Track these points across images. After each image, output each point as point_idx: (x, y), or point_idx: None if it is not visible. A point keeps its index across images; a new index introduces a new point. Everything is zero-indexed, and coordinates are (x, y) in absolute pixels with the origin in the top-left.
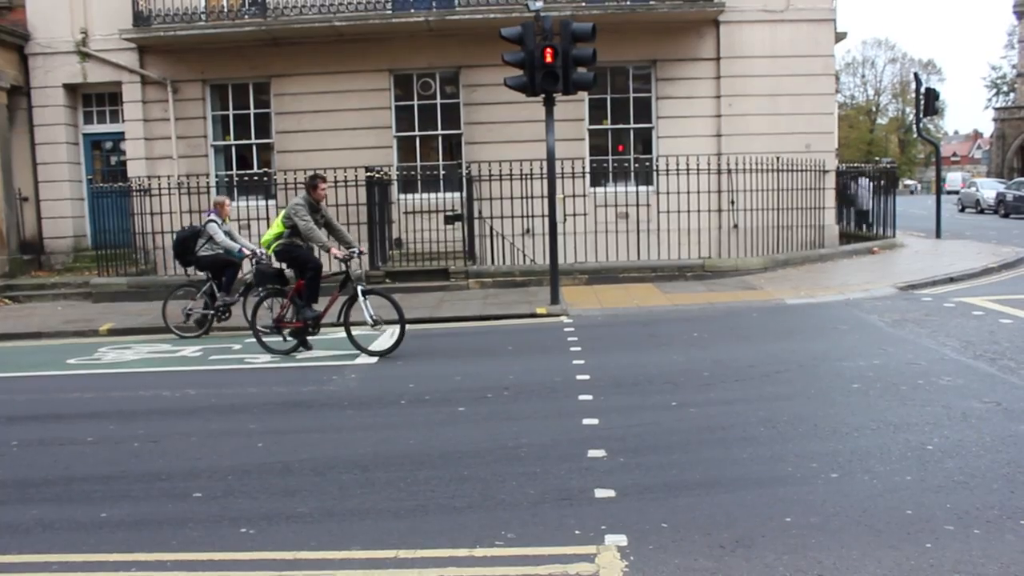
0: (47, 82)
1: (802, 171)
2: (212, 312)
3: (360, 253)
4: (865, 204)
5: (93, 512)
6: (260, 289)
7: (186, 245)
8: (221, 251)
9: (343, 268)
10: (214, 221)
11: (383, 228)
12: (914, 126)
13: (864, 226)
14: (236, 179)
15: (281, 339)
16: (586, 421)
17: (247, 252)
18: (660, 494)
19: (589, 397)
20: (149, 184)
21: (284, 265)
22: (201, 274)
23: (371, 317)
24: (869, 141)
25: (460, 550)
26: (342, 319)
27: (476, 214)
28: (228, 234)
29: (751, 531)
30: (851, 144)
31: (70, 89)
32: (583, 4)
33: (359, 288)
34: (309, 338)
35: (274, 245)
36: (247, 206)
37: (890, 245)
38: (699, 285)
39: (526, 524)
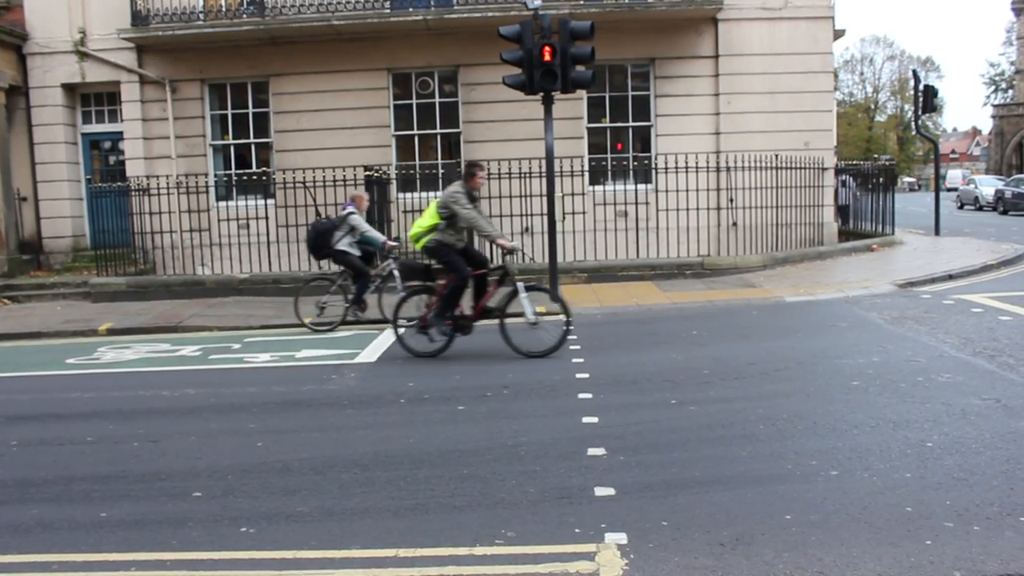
0: (45, 82)
1: (801, 169)
2: (347, 306)
3: (522, 249)
4: (843, 200)
5: (93, 512)
6: (403, 285)
7: (324, 238)
8: (353, 248)
9: (501, 262)
10: (355, 213)
11: (382, 227)
12: (913, 123)
13: (850, 222)
14: (235, 179)
15: (427, 339)
16: (586, 419)
17: (391, 244)
18: (660, 492)
19: (588, 395)
20: (148, 184)
21: (432, 260)
22: (336, 267)
23: (532, 314)
24: (868, 138)
25: (460, 549)
26: (498, 316)
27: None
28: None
29: (751, 529)
30: (850, 142)
31: (68, 89)
32: (581, 2)
33: (520, 284)
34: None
35: (425, 239)
36: (246, 206)
37: (889, 242)
38: (698, 283)
39: (526, 522)
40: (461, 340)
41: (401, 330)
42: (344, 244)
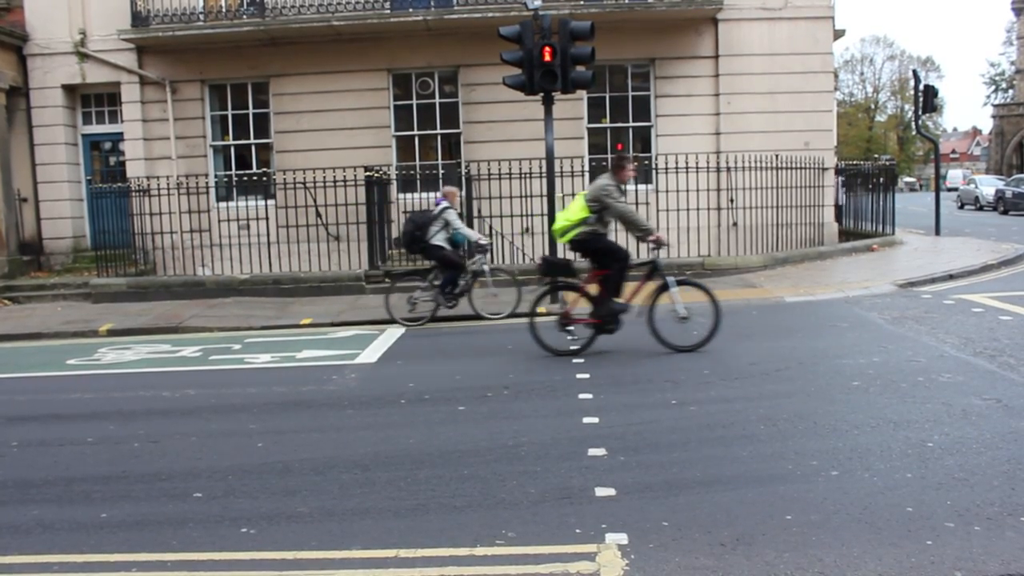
0: (46, 83)
1: (801, 169)
2: (438, 302)
3: (667, 243)
4: (837, 200)
5: (93, 512)
6: (546, 280)
7: (422, 231)
8: (447, 244)
9: (648, 256)
10: (449, 208)
11: (382, 228)
12: (913, 123)
13: (841, 222)
14: (235, 179)
15: (566, 337)
16: (586, 420)
17: (484, 241)
18: (660, 492)
19: (589, 396)
20: (148, 184)
21: (578, 255)
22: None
23: (683, 309)
24: (868, 138)
25: (461, 549)
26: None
27: (475, 213)
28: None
29: (752, 529)
30: (850, 142)
31: (69, 90)
32: (581, 3)
33: (669, 278)
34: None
35: (572, 233)
36: (246, 206)
37: (889, 242)
38: None
39: (526, 523)
40: (461, 339)
41: (537, 325)
42: (439, 239)
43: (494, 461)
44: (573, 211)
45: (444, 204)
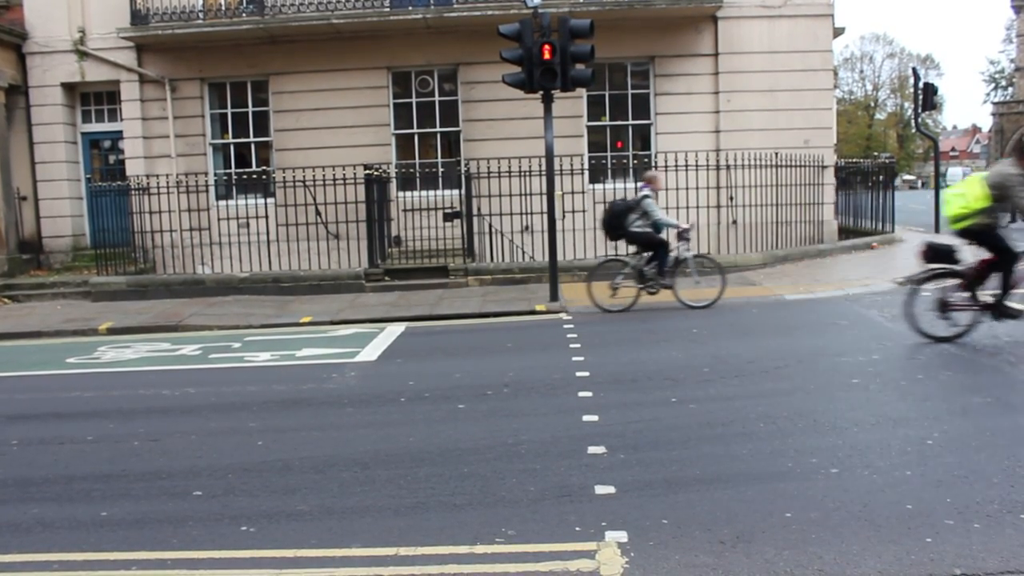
0: (45, 81)
1: (801, 167)
2: (640, 287)
3: None
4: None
5: (93, 511)
6: (928, 268)
7: (620, 219)
8: (649, 228)
9: None
10: (650, 197)
11: (382, 226)
12: (913, 121)
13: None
14: (235, 177)
15: (946, 323)
16: (586, 418)
17: (684, 227)
18: (660, 490)
19: (589, 394)
20: (148, 183)
21: (967, 242)
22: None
23: None
24: (868, 136)
25: (460, 547)
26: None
27: (475, 211)
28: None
29: (751, 527)
30: (850, 139)
31: (68, 88)
32: (581, 0)
33: None
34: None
35: (970, 221)
36: (246, 204)
37: (889, 240)
38: None
39: (526, 521)
40: (461, 338)
41: (915, 308)
42: (637, 226)
43: (494, 459)
44: (973, 198)
45: (645, 192)
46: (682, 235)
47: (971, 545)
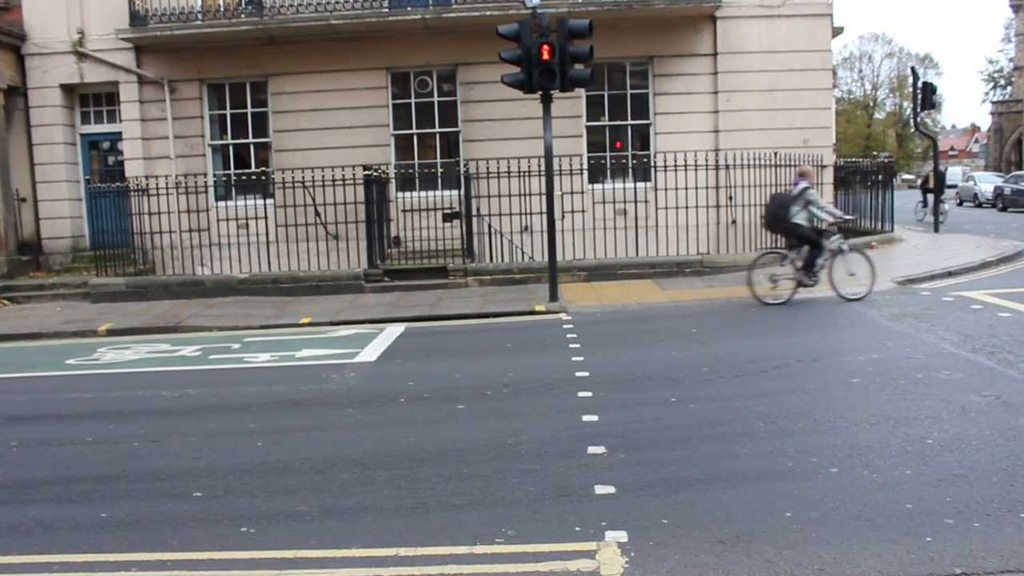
0: (44, 82)
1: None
2: (799, 280)
3: None
4: None
5: (93, 512)
6: None
7: (785, 210)
8: (806, 222)
9: None
10: (810, 188)
11: (381, 226)
12: (912, 120)
13: None
14: (234, 178)
15: None
16: (586, 418)
17: (848, 218)
18: (660, 490)
19: (588, 394)
20: (147, 184)
21: None
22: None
23: None
24: (867, 136)
25: (460, 547)
26: None
27: (474, 212)
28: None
29: (751, 526)
30: (849, 139)
31: (67, 89)
32: (580, 0)
33: None
34: None
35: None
36: (245, 205)
37: (888, 240)
38: (697, 281)
39: (526, 521)
40: (460, 338)
41: None
42: (799, 218)
43: (494, 459)
44: None
45: (803, 184)
46: (835, 227)
47: (971, 544)
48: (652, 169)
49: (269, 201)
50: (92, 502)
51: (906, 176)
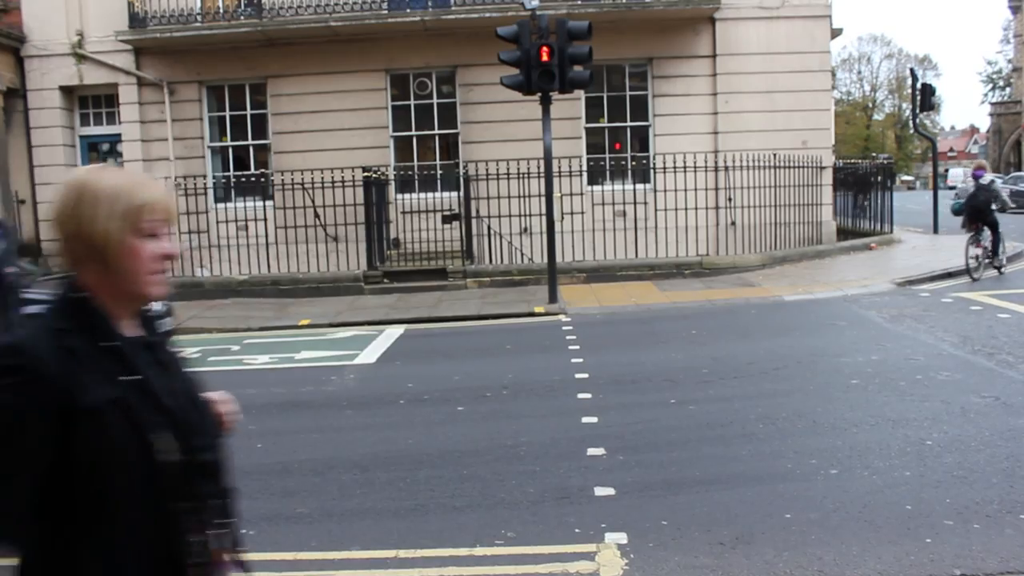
0: (43, 84)
1: (799, 167)
2: (986, 261)
3: None
4: None
5: None
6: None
7: (990, 203)
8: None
9: None
10: (995, 179)
11: (380, 228)
12: (910, 122)
13: None
14: (233, 180)
15: None
16: (585, 419)
17: (1012, 205)
18: (660, 492)
19: (588, 395)
20: None
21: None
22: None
23: None
24: (866, 137)
25: (460, 549)
26: None
27: (474, 213)
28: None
29: (751, 528)
30: (848, 140)
31: (66, 91)
32: (579, 2)
33: None
34: None
35: None
36: (244, 207)
37: (887, 241)
38: (697, 282)
39: (526, 523)
40: (460, 340)
41: None
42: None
43: (493, 461)
44: None
45: (990, 176)
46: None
47: (971, 545)
48: (651, 171)
49: (268, 203)
50: None
51: (905, 177)
